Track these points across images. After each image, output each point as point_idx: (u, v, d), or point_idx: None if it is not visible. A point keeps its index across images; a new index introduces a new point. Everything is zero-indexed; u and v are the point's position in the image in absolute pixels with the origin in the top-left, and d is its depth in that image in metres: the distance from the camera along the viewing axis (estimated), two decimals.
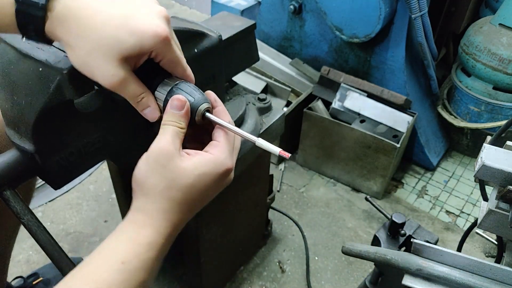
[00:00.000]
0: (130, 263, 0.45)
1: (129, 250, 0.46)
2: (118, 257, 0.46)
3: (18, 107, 0.57)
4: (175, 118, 0.50)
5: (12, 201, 0.58)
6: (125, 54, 0.47)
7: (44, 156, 0.60)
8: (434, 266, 0.64)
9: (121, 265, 0.45)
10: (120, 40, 0.46)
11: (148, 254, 0.47)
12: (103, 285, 0.44)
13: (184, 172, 0.48)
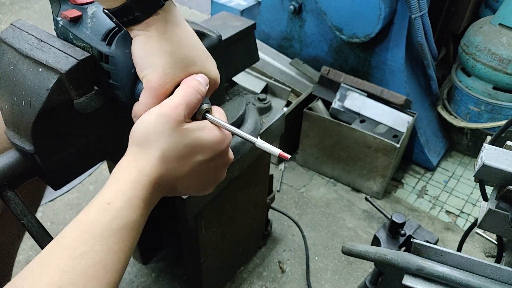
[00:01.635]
0: (115, 203, 0.45)
1: (113, 190, 0.47)
2: (104, 198, 0.46)
3: (18, 107, 0.57)
4: (199, 87, 0.51)
5: (12, 201, 0.58)
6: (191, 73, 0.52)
7: (44, 156, 0.60)
8: (434, 266, 0.64)
9: (107, 205, 0.45)
10: (203, 66, 0.54)
11: (133, 192, 0.47)
12: (88, 226, 0.44)
13: (187, 129, 0.49)
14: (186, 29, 0.53)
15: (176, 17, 0.52)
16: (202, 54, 0.55)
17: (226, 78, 0.99)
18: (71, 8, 0.57)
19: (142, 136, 0.48)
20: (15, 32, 0.58)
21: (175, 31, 0.51)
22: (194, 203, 0.89)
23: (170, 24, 0.51)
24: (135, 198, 0.47)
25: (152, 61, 0.50)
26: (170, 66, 0.50)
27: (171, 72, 0.50)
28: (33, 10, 2.82)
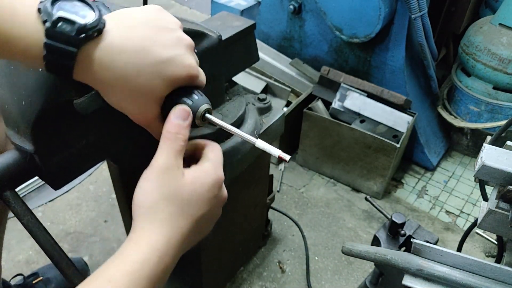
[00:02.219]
0: (118, 282, 0.43)
1: (118, 267, 0.45)
2: (106, 274, 0.44)
3: (18, 107, 0.56)
4: (178, 130, 0.50)
5: (12, 201, 0.58)
6: (158, 97, 0.50)
7: (44, 156, 0.60)
8: (434, 266, 0.64)
9: (108, 283, 0.43)
10: (154, 88, 0.49)
11: (140, 273, 0.45)
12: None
13: (183, 187, 0.49)
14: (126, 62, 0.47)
15: (103, 60, 0.47)
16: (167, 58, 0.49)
17: (226, 78, 0.99)
18: None
19: (146, 204, 0.48)
20: None
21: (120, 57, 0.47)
22: None
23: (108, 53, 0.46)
24: (143, 279, 0.45)
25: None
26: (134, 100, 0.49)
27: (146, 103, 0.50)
28: None
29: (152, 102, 0.50)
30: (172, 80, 0.50)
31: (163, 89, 0.50)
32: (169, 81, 0.50)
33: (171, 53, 0.49)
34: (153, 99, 0.50)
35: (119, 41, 0.47)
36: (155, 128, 0.53)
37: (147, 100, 0.50)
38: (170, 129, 0.50)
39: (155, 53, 0.48)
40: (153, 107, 0.51)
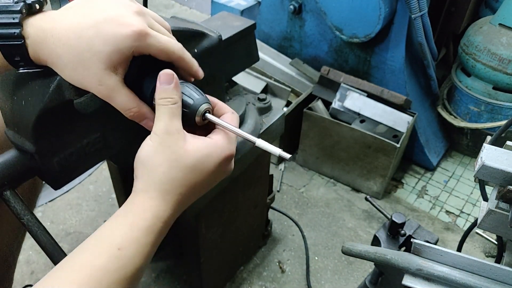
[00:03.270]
0: (127, 249, 0.45)
1: (127, 235, 0.46)
2: (115, 243, 0.45)
3: (18, 107, 0.56)
4: (167, 94, 0.50)
5: (12, 201, 0.58)
6: (106, 65, 0.47)
7: (44, 156, 0.60)
8: (434, 266, 0.64)
9: (118, 251, 0.45)
10: (96, 52, 0.46)
11: (146, 239, 0.47)
12: (98, 273, 0.43)
13: (186, 152, 0.49)
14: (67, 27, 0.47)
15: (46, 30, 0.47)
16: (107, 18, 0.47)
17: (226, 78, 0.99)
18: None
19: (149, 166, 0.49)
20: None
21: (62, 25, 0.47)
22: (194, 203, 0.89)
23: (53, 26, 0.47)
24: (148, 245, 0.47)
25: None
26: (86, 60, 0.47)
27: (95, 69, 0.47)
28: None
29: (101, 67, 0.47)
30: (113, 39, 0.46)
31: (107, 51, 0.46)
32: (111, 41, 0.46)
33: (111, 13, 0.47)
34: (100, 63, 0.47)
35: (61, 11, 0.48)
36: (120, 100, 0.50)
37: (95, 66, 0.47)
38: (159, 95, 0.50)
39: (94, 14, 0.47)
40: (104, 73, 0.48)
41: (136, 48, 0.48)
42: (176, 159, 0.48)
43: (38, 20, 0.47)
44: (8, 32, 0.45)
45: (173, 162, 0.48)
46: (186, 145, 0.49)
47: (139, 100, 0.52)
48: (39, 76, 0.54)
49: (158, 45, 0.50)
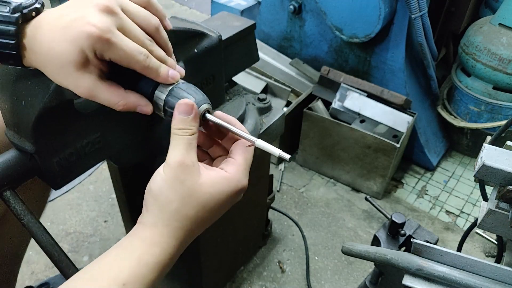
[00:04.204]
0: (132, 285, 0.44)
1: (134, 271, 0.45)
2: (121, 277, 0.44)
3: (18, 107, 0.56)
4: (185, 125, 0.49)
5: (12, 201, 0.58)
6: (75, 64, 0.46)
7: (44, 156, 0.60)
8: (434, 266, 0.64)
9: (122, 286, 0.44)
10: (63, 52, 0.46)
11: (152, 275, 0.46)
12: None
13: (201, 188, 0.47)
14: (46, 32, 0.47)
15: (35, 38, 0.47)
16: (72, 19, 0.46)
17: (226, 78, 0.99)
18: None
19: (161, 200, 0.47)
20: None
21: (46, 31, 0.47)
22: None
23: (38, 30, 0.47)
24: (153, 281, 0.46)
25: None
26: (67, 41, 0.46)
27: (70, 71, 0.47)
28: None
29: (72, 68, 0.46)
30: (76, 40, 0.45)
31: (72, 51, 0.45)
32: (75, 42, 0.45)
33: (79, 13, 0.46)
34: (70, 64, 0.46)
35: (46, 16, 0.48)
36: (103, 97, 0.50)
37: (68, 67, 0.46)
38: (176, 125, 0.49)
39: (67, 15, 0.47)
40: (77, 74, 0.47)
41: (98, 51, 0.47)
42: (190, 195, 0.47)
43: (30, 28, 0.47)
44: (4, 42, 0.46)
45: (187, 198, 0.47)
46: (201, 180, 0.48)
47: (123, 91, 0.51)
48: (39, 76, 0.54)
49: (119, 52, 0.47)
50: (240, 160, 0.51)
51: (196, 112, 0.50)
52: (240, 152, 0.52)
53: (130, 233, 0.49)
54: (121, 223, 1.47)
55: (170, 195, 0.47)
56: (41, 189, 0.88)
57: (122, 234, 1.49)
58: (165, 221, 0.47)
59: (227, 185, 0.49)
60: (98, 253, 1.43)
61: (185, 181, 0.47)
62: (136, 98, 0.52)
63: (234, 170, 0.50)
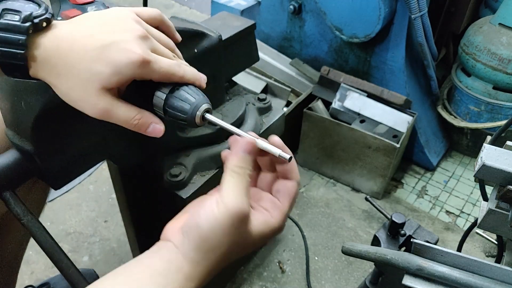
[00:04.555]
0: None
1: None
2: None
3: (18, 107, 0.56)
4: (247, 164, 0.48)
5: (12, 202, 0.58)
6: (103, 86, 0.48)
7: (44, 156, 0.60)
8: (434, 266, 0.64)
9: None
10: (96, 73, 0.47)
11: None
12: None
13: (250, 236, 0.48)
14: (69, 48, 0.48)
15: (49, 50, 0.48)
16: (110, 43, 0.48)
17: (226, 78, 0.99)
18: (71, 8, 0.57)
19: (211, 242, 0.46)
20: None
21: (65, 44, 0.48)
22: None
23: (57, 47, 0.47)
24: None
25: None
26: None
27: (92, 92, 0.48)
28: None
29: (97, 87, 0.48)
30: (115, 64, 0.47)
31: (107, 73, 0.47)
32: (112, 65, 0.47)
33: (115, 38, 0.48)
34: (97, 83, 0.48)
35: (67, 30, 0.48)
36: (120, 113, 0.51)
37: (92, 86, 0.48)
38: (238, 163, 0.48)
39: (98, 38, 0.48)
40: (100, 93, 0.48)
41: (137, 75, 0.49)
42: (239, 243, 0.47)
43: (43, 38, 0.47)
44: (12, 52, 0.46)
45: (235, 245, 0.47)
46: (251, 227, 0.47)
47: (137, 107, 0.52)
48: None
49: (160, 71, 0.50)
50: (286, 206, 0.52)
51: (256, 152, 0.49)
52: (287, 196, 0.52)
53: (165, 255, 0.47)
54: (121, 223, 1.47)
55: (222, 240, 0.45)
56: (41, 189, 0.88)
57: (122, 234, 1.49)
58: (207, 261, 0.46)
59: (271, 231, 0.50)
60: (98, 253, 1.43)
61: (239, 229, 0.46)
62: (150, 115, 0.53)
63: (279, 217, 0.50)
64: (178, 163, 0.83)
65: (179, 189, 0.82)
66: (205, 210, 0.46)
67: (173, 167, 0.82)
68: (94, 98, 0.48)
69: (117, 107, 0.50)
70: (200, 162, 0.85)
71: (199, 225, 0.45)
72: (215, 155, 0.86)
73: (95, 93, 0.48)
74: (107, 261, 1.41)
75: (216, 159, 0.87)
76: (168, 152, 0.84)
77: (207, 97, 0.54)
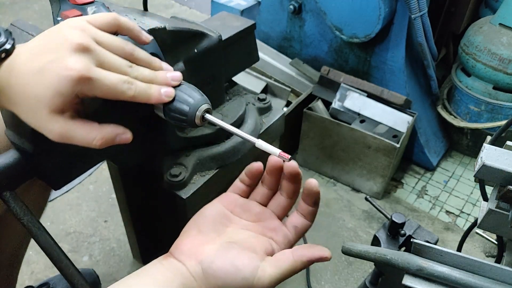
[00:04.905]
0: None
1: None
2: None
3: None
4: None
5: (12, 202, 0.58)
6: (50, 109, 0.45)
7: (44, 156, 0.60)
8: (434, 266, 0.64)
9: None
10: (39, 98, 0.45)
11: None
12: None
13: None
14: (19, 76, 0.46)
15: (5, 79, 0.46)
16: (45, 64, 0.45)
17: (226, 78, 0.99)
18: (71, 8, 0.57)
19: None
20: (15, 32, 0.58)
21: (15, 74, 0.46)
22: (194, 203, 0.89)
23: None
24: None
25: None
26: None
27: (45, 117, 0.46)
28: (33, 10, 2.82)
29: (45, 112, 0.45)
30: (55, 84, 0.44)
31: (49, 95, 0.44)
32: (53, 86, 0.44)
33: (50, 58, 0.45)
34: (44, 108, 0.45)
35: (19, 56, 0.47)
36: (78, 136, 0.48)
37: (41, 112, 0.45)
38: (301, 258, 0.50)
39: (37, 61, 0.45)
40: (50, 118, 0.46)
41: (79, 93, 0.46)
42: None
43: (2, 70, 0.47)
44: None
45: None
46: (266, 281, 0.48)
47: (97, 125, 0.49)
48: None
49: (102, 89, 0.46)
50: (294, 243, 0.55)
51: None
52: (300, 235, 0.56)
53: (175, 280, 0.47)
54: (121, 223, 1.47)
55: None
56: (41, 190, 0.88)
57: (122, 234, 1.49)
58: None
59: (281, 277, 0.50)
60: (98, 253, 1.43)
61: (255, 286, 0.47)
62: (112, 128, 0.50)
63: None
64: (178, 163, 0.83)
65: (179, 189, 0.82)
66: (243, 276, 0.46)
67: (173, 167, 0.82)
68: (47, 123, 0.46)
69: (74, 129, 0.47)
70: (200, 162, 0.85)
71: (227, 285, 0.47)
72: (215, 155, 0.86)
73: (45, 118, 0.46)
74: (107, 261, 1.41)
75: (216, 159, 0.87)
76: (168, 152, 0.84)
77: (207, 97, 0.54)
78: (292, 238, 0.54)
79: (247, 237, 0.52)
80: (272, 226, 0.55)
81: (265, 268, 0.47)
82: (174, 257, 0.50)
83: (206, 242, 0.50)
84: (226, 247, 0.49)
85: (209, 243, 0.50)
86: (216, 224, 0.53)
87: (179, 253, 0.50)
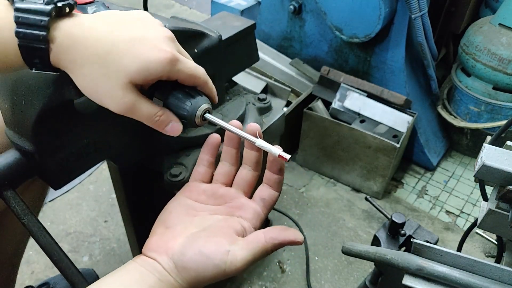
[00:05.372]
0: None
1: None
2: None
3: (18, 107, 0.57)
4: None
5: (12, 201, 0.58)
6: (130, 80, 0.46)
7: (44, 156, 0.60)
8: (434, 266, 0.64)
9: None
10: (123, 67, 0.46)
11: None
12: None
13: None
14: (97, 38, 0.46)
15: (73, 37, 0.46)
16: (142, 36, 0.47)
17: (226, 78, 0.99)
18: None
19: (201, 283, 0.48)
20: None
21: (91, 33, 0.46)
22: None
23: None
24: None
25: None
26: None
27: (116, 86, 0.47)
28: None
29: (125, 81, 0.46)
30: (145, 60, 0.46)
31: (136, 68, 0.46)
32: (142, 61, 0.46)
33: (147, 35, 0.47)
34: (125, 77, 0.46)
35: (92, 20, 0.47)
36: (145, 109, 0.49)
37: (119, 79, 0.46)
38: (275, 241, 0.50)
39: (130, 31, 0.47)
40: (127, 87, 0.47)
41: (166, 73, 0.48)
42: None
43: (67, 24, 0.46)
44: (33, 34, 0.44)
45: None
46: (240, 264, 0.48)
47: (160, 105, 0.52)
48: (39, 76, 0.54)
49: (187, 71, 0.50)
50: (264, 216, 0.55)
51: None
52: (270, 207, 0.55)
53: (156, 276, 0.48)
54: (121, 223, 1.47)
55: (214, 279, 0.48)
56: (40, 189, 0.89)
57: (122, 234, 1.49)
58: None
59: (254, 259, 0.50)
60: (98, 253, 1.43)
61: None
62: (171, 114, 0.52)
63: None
64: (178, 163, 0.83)
65: (179, 189, 0.82)
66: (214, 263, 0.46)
67: (173, 167, 0.82)
68: (120, 92, 0.47)
69: (141, 103, 0.49)
70: None
71: (201, 274, 0.47)
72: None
73: (121, 87, 0.46)
74: (107, 261, 1.42)
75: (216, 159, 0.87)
76: (168, 152, 0.84)
77: (207, 97, 0.54)
78: (262, 211, 0.54)
79: (215, 222, 0.52)
80: (238, 204, 0.55)
81: (235, 251, 0.47)
82: (147, 256, 0.49)
83: (174, 237, 0.50)
84: (193, 238, 0.49)
85: (177, 237, 0.49)
86: (181, 216, 0.53)
87: (150, 252, 0.49)
